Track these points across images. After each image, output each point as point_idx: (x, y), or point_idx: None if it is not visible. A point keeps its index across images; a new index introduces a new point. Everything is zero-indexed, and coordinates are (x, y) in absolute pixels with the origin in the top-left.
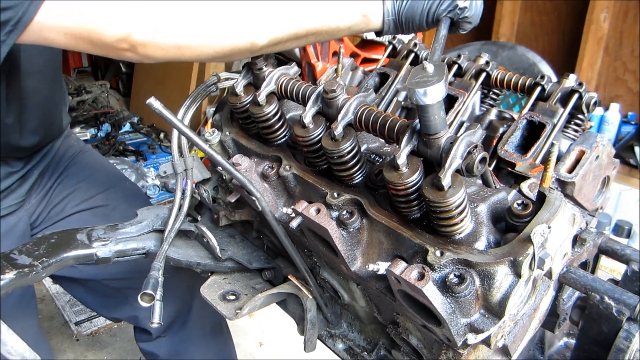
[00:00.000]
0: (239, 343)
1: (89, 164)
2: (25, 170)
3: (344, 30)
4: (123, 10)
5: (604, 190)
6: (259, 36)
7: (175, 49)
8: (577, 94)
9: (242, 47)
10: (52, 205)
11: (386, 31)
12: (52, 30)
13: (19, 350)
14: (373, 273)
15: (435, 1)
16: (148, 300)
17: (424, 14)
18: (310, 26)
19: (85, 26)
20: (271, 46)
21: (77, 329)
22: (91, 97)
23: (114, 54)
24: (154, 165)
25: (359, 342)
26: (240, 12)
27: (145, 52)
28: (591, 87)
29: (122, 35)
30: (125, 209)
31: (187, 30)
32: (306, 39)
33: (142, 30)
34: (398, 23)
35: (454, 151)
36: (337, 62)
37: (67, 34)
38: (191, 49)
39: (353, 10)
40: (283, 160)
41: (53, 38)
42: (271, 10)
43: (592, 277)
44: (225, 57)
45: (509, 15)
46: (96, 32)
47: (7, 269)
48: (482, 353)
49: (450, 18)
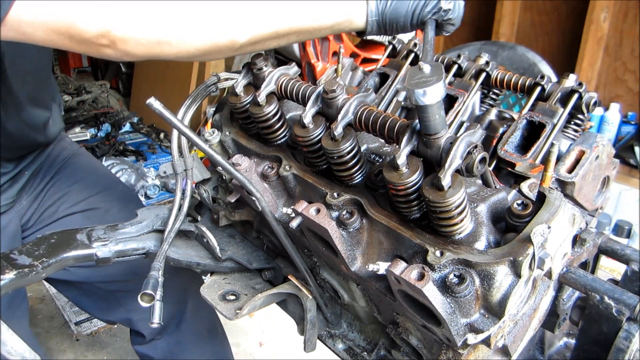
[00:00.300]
0: (239, 343)
1: (82, 166)
2: (16, 171)
3: (326, 29)
4: (102, 5)
5: (604, 190)
6: (239, 34)
7: (155, 44)
8: (577, 94)
9: (222, 45)
10: (45, 207)
11: (369, 32)
12: (30, 26)
13: (19, 350)
14: (373, 273)
15: (420, 3)
16: (148, 300)
17: (408, 15)
18: (291, 25)
19: (63, 21)
20: (252, 44)
21: (77, 329)
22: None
23: (94, 50)
24: (154, 165)
25: (359, 342)
26: (221, 10)
27: (125, 48)
28: (591, 87)
29: (101, 31)
30: (118, 211)
31: (168, 25)
32: (287, 37)
33: (122, 26)
34: (382, 24)
35: (454, 151)
36: (337, 62)
37: (46, 29)
38: (171, 45)
39: (336, 10)
40: (283, 161)
41: (32, 33)
42: (252, 8)
43: (592, 277)
44: (205, 54)
45: (509, 15)
46: (75, 28)
47: (7, 269)
48: (482, 353)
49: (435, 20)
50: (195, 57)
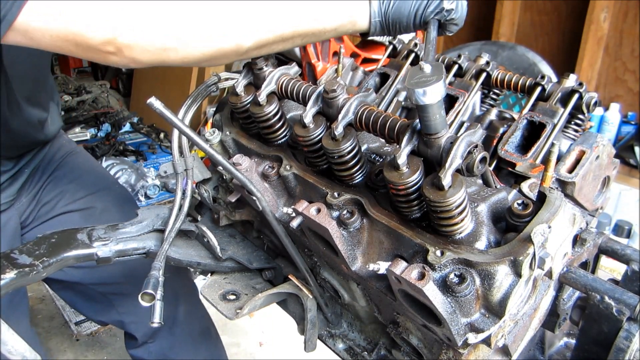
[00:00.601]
0: (239, 343)
1: (80, 165)
2: (16, 169)
3: (330, 31)
4: (108, 12)
5: (604, 190)
6: (244, 38)
7: (161, 51)
8: (578, 94)
9: (228, 50)
10: (42, 204)
11: (372, 33)
12: (37, 32)
13: (19, 349)
14: (373, 273)
15: (422, 3)
16: (149, 299)
17: (410, 16)
18: (296, 28)
19: (69, 28)
20: (257, 48)
21: (77, 329)
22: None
23: (101, 57)
24: (154, 165)
25: (359, 342)
26: (226, 14)
27: (132, 54)
28: (591, 87)
29: (107, 38)
30: (113, 211)
31: (173, 32)
32: (292, 41)
33: (128, 33)
34: (384, 25)
35: (454, 151)
36: (338, 62)
37: (53, 35)
38: (177, 52)
39: (339, 12)
40: (283, 160)
41: (39, 39)
42: (257, 13)
43: (593, 277)
44: (211, 59)
45: (509, 15)
46: (81, 35)
47: (7, 269)
48: (483, 353)
49: (438, 20)
50: (201, 63)
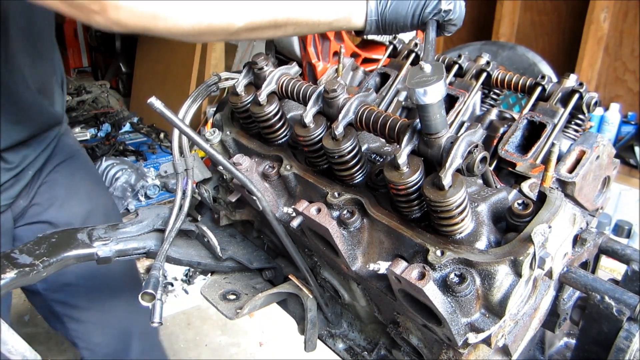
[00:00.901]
0: (239, 343)
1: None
2: (20, 168)
3: (324, 25)
4: None
5: (604, 190)
6: (236, 17)
7: (149, 17)
8: (578, 94)
9: (218, 27)
10: (33, 203)
11: (367, 31)
12: None
13: (19, 349)
14: (374, 272)
15: (420, 4)
16: (149, 299)
17: (408, 16)
18: (290, 15)
19: None
20: (248, 31)
21: None
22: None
23: (84, 16)
24: (154, 165)
25: (360, 342)
26: None
27: (117, 16)
28: (591, 87)
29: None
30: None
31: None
32: (285, 29)
33: None
34: (380, 24)
35: (455, 151)
36: (338, 62)
37: None
38: (165, 20)
39: (335, 6)
40: (284, 160)
41: None
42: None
43: (593, 277)
44: (198, 35)
45: (509, 15)
46: None
47: (7, 269)
48: (483, 353)
49: (436, 20)
50: (187, 37)
